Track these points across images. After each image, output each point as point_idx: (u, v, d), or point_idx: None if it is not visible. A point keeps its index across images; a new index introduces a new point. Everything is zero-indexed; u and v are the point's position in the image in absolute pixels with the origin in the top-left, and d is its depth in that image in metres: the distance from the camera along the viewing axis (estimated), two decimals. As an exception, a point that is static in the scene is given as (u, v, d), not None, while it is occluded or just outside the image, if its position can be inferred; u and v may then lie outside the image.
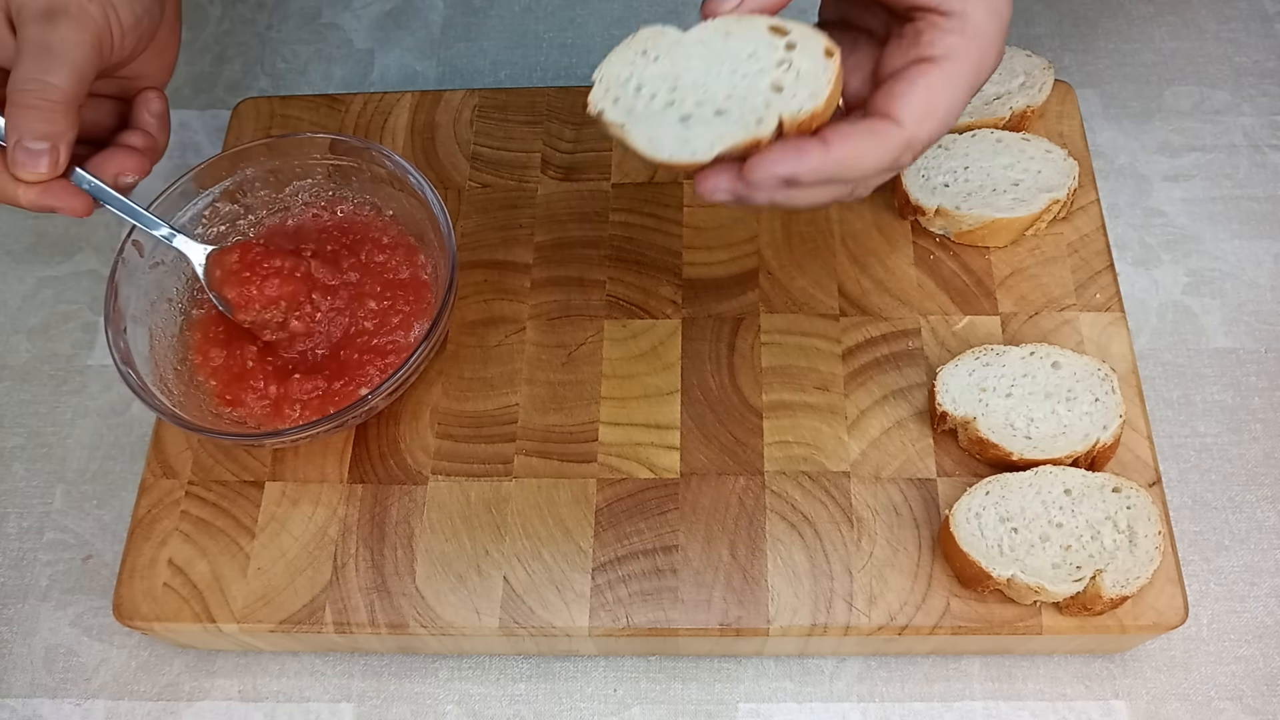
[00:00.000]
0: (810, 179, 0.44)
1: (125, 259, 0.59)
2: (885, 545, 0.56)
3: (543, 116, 0.70)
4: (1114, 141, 0.75)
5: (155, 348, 0.60)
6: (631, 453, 0.59)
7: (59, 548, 0.65)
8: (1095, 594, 0.52)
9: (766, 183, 0.44)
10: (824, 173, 0.44)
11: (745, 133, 0.44)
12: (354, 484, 0.59)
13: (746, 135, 0.44)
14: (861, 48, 0.52)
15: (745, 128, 0.44)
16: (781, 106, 0.44)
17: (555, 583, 0.56)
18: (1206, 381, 0.66)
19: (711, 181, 0.46)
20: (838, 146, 0.44)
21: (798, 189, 0.46)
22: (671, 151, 0.44)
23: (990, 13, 0.47)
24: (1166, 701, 0.57)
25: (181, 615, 0.56)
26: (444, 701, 0.59)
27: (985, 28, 0.47)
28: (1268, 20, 0.79)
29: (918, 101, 0.46)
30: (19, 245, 0.75)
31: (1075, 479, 0.55)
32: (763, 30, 0.45)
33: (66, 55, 0.50)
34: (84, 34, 0.50)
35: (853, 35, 0.52)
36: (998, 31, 0.47)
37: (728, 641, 0.56)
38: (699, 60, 0.45)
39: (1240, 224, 0.71)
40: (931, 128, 0.46)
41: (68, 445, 0.68)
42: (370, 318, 0.61)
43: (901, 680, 0.58)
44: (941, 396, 0.57)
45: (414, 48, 0.83)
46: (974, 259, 0.64)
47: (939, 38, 0.46)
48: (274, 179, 0.64)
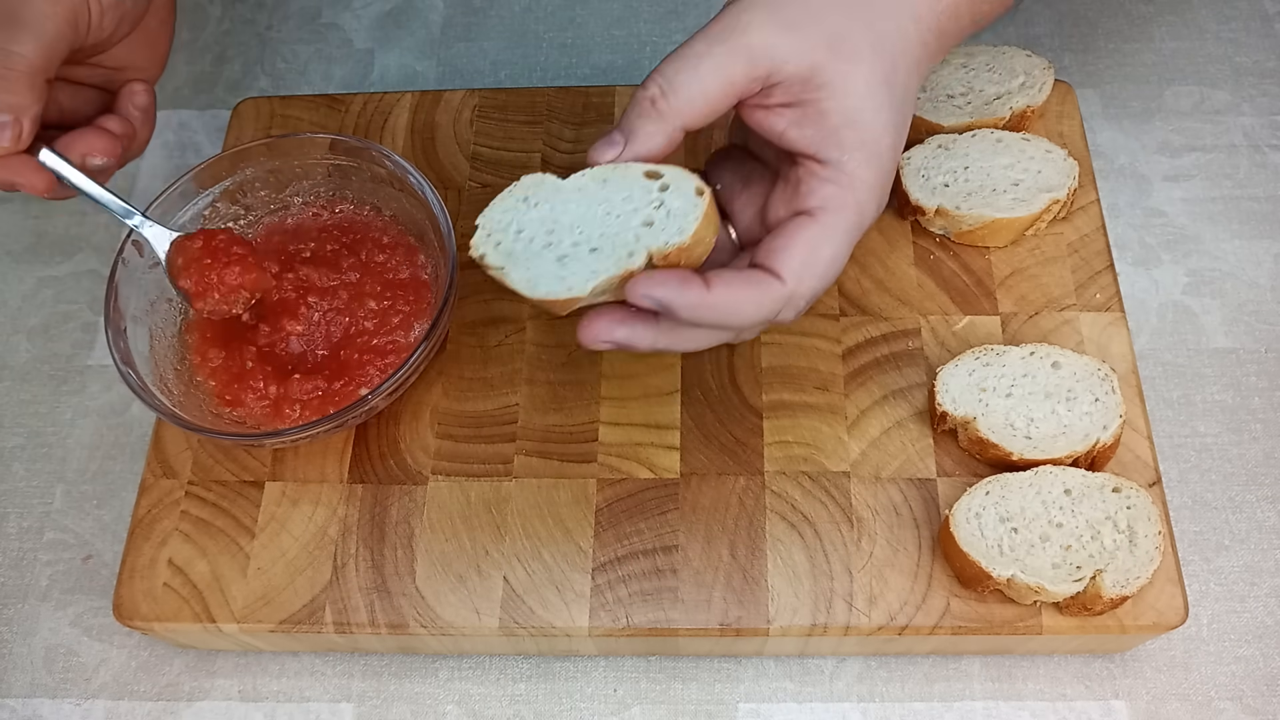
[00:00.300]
0: (687, 315, 0.45)
1: (125, 259, 0.59)
2: (885, 545, 0.56)
3: (543, 116, 0.70)
4: (1114, 141, 0.75)
5: (155, 348, 0.60)
6: (631, 453, 0.59)
7: (59, 548, 0.65)
8: (1095, 594, 0.52)
9: (645, 301, 0.45)
10: (700, 312, 0.45)
11: (616, 266, 0.46)
12: (354, 484, 0.59)
13: (618, 268, 0.45)
14: (756, 181, 0.52)
15: (617, 261, 0.46)
16: (650, 240, 0.46)
17: (555, 583, 0.56)
18: (1206, 381, 0.66)
19: (593, 330, 0.47)
20: (719, 291, 0.45)
21: (678, 331, 0.47)
22: (548, 289, 0.46)
23: (870, 162, 0.47)
24: (1166, 701, 0.57)
25: (181, 615, 0.56)
26: (444, 701, 0.59)
27: (863, 175, 0.47)
28: (1268, 20, 0.79)
29: (797, 258, 0.46)
30: (19, 245, 0.75)
31: (1075, 479, 0.55)
32: (638, 175, 0.47)
33: (36, 25, 0.49)
34: (57, 6, 0.49)
35: (750, 166, 0.53)
36: (877, 179, 0.48)
37: (728, 641, 0.56)
38: (577, 205, 0.47)
39: (1240, 224, 0.71)
40: (812, 284, 0.47)
41: (68, 445, 0.68)
42: (370, 318, 0.61)
43: (901, 680, 0.58)
44: (941, 396, 0.57)
45: (414, 48, 0.83)
46: (974, 259, 0.64)
47: (817, 187, 0.47)
48: (274, 179, 0.64)
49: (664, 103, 0.46)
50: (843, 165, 0.47)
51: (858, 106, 0.46)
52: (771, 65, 0.46)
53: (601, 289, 0.46)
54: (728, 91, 0.46)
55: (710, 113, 0.47)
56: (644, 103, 0.47)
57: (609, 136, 0.47)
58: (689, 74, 0.46)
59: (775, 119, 0.47)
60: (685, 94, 0.46)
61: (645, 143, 0.47)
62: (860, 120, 0.46)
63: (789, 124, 0.47)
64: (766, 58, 0.46)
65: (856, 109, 0.46)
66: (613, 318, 0.47)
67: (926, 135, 0.65)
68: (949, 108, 0.65)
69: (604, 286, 0.46)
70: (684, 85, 0.46)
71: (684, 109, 0.46)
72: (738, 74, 0.46)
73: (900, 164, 0.63)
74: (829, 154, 0.47)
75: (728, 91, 0.46)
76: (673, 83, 0.46)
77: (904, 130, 0.49)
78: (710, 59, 0.46)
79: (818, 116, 0.46)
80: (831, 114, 0.46)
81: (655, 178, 0.47)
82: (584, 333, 0.47)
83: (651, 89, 0.46)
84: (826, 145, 0.46)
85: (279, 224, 0.64)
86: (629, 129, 0.47)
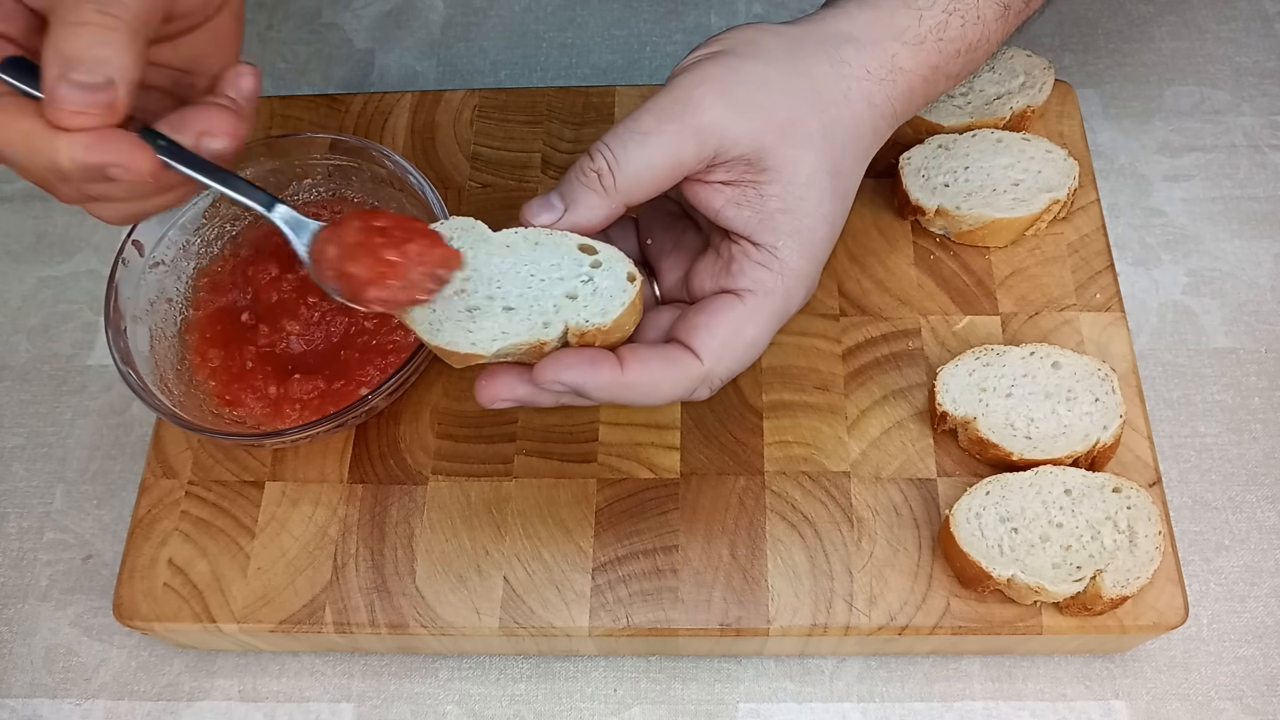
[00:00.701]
0: (600, 396, 0.44)
1: (125, 259, 0.59)
2: (885, 545, 0.56)
3: (543, 116, 0.70)
4: (1114, 141, 0.75)
5: (155, 348, 0.60)
6: (632, 453, 0.59)
7: (59, 548, 0.65)
8: (1095, 594, 0.52)
9: (554, 386, 0.44)
10: (612, 393, 0.44)
11: (530, 332, 0.44)
12: (354, 484, 0.59)
13: (531, 336, 0.44)
14: (686, 243, 0.51)
15: (531, 328, 0.44)
16: (571, 314, 0.44)
17: (555, 583, 0.56)
18: (1206, 381, 0.66)
19: (493, 389, 0.45)
20: (633, 370, 0.44)
21: (586, 399, 0.46)
22: (450, 338, 0.44)
23: (803, 251, 0.46)
24: (1166, 701, 0.57)
25: (181, 615, 0.56)
26: (444, 701, 0.59)
27: (795, 263, 0.46)
28: (1268, 20, 0.79)
29: (719, 337, 0.45)
30: (19, 245, 0.75)
31: (1075, 479, 0.55)
32: (571, 246, 0.46)
33: None
34: None
35: (682, 225, 0.52)
36: (809, 268, 0.47)
37: (728, 641, 0.56)
38: (501, 260, 0.45)
39: (1240, 224, 0.71)
40: (730, 364, 0.46)
41: (68, 445, 0.68)
42: (370, 318, 0.61)
43: (901, 680, 0.58)
44: (941, 396, 0.57)
45: (414, 48, 0.83)
46: (974, 259, 0.64)
47: (749, 269, 0.46)
48: (274, 179, 0.64)
49: (609, 179, 0.45)
50: (776, 251, 0.46)
51: (799, 195, 0.46)
52: (720, 145, 0.45)
53: (506, 352, 0.44)
54: (675, 171, 0.45)
55: (654, 190, 0.46)
56: (589, 174, 0.45)
57: (547, 199, 0.46)
58: (637, 150, 0.45)
59: (713, 195, 0.46)
60: (633, 171, 0.45)
61: (585, 215, 0.45)
62: (799, 209, 0.46)
63: (726, 202, 0.46)
64: (716, 138, 0.45)
65: (798, 197, 0.46)
66: (513, 375, 0.45)
67: (926, 135, 0.64)
68: (949, 108, 0.65)
69: (509, 350, 0.44)
70: (631, 162, 0.45)
71: (629, 187, 0.45)
72: (687, 153, 0.45)
73: (900, 164, 0.63)
74: (763, 238, 0.46)
75: (675, 171, 0.45)
76: (619, 159, 0.45)
77: (841, 221, 0.48)
78: (660, 136, 0.45)
79: (757, 199, 0.46)
80: (771, 199, 0.46)
81: (589, 252, 0.46)
82: (483, 392, 0.45)
83: (599, 161, 0.45)
84: (762, 229, 0.46)
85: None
86: (571, 197, 0.46)
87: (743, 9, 0.83)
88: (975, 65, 0.52)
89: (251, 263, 0.62)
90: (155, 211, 0.47)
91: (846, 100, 0.47)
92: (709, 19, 0.82)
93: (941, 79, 0.50)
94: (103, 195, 0.44)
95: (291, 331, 0.60)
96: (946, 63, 0.50)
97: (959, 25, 0.49)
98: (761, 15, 0.82)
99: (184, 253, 0.63)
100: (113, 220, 0.46)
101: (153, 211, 0.47)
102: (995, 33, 0.51)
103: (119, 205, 0.45)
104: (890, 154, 0.60)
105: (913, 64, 0.49)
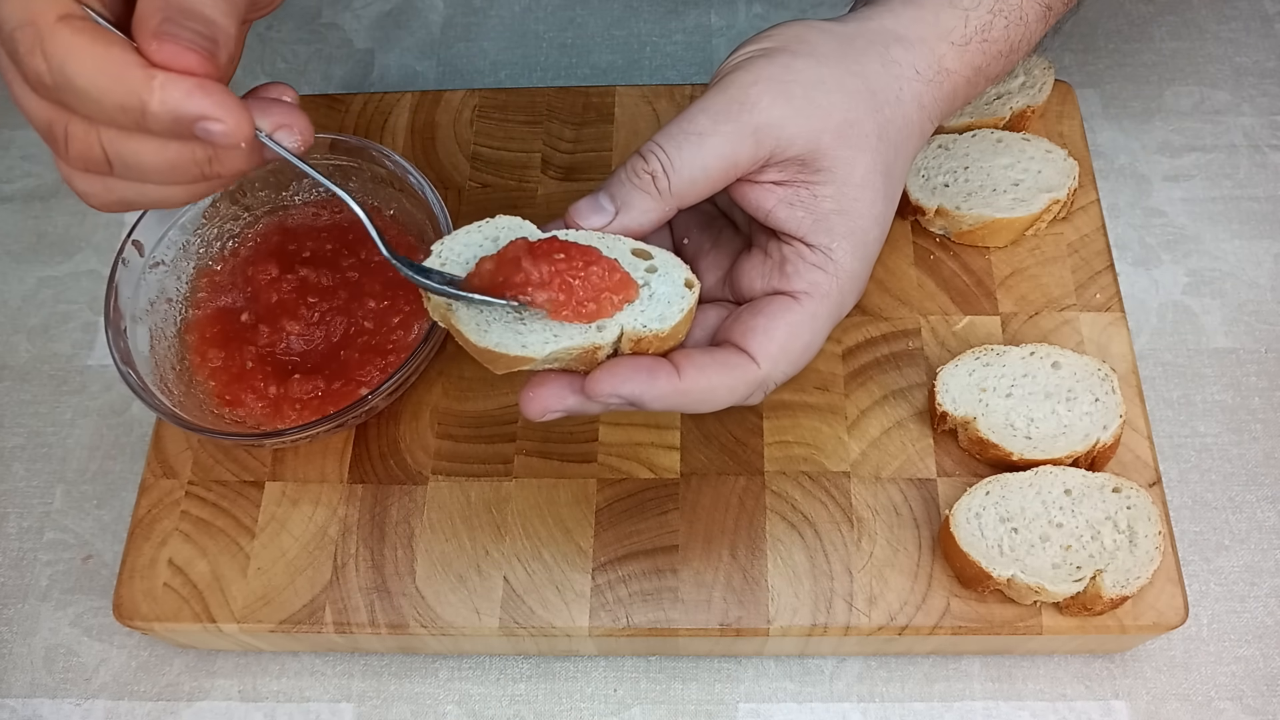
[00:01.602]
0: (657, 406, 0.43)
1: (125, 259, 0.59)
2: (885, 545, 0.56)
3: (543, 116, 0.70)
4: (1114, 141, 0.75)
5: (155, 348, 0.60)
6: (632, 453, 0.59)
7: (59, 548, 0.65)
8: (1095, 594, 0.52)
9: (610, 400, 0.42)
10: (670, 402, 0.43)
11: (584, 338, 0.42)
12: (354, 484, 0.59)
13: (585, 341, 0.42)
14: (725, 243, 0.50)
15: (585, 332, 0.42)
16: (627, 320, 0.42)
17: (555, 583, 0.56)
18: (1206, 381, 0.66)
19: (541, 403, 0.43)
20: (691, 378, 0.43)
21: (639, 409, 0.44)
22: (499, 340, 0.41)
23: (857, 252, 0.46)
24: (1166, 701, 0.57)
25: (181, 615, 0.56)
26: (444, 701, 0.59)
27: (850, 265, 0.45)
28: (1268, 20, 0.79)
29: (777, 341, 0.44)
30: (19, 245, 0.75)
31: (1075, 479, 0.55)
32: (625, 250, 0.44)
33: None
34: None
35: (720, 225, 0.51)
36: (862, 270, 0.46)
37: (728, 641, 0.56)
38: None
39: (1240, 224, 0.71)
40: (786, 368, 0.45)
41: (68, 445, 0.68)
42: (370, 317, 0.61)
43: (901, 680, 0.58)
44: (941, 396, 0.57)
45: (414, 48, 0.83)
46: (974, 259, 0.64)
47: (804, 270, 0.45)
48: (274, 179, 0.64)
49: (664, 181, 0.44)
50: (831, 252, 0.45)
51: (854, 196, 0.45)
52: (777, 146, 0.44)
53: (557, 356, 0.42)
54: (729, 173, 0.44)
55: (708, 192, 0.45)
56: (643, 176, 0.44)
57: (596, 201, 0.45)
58: (692, 152, 0.43)
59: (765, 196, 0.45)
60: (688, 173, 0.43)
61: (638, 218, 0.44)
62: (853, 210, 0.45)
63: (779, 203, 0.45)
64: (773, 138, 0.44)
65: (852, 198, 0.45)
66: (562, 385, 0.43)
67: (926, 135, 0.65)
68: (949, 108, 0.65)
69: (561, 355, 0.42)
70: (686, 164, 0.43)
71: (684, 189, 0.44)
72: (743, 154, 0.44)
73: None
74: (817, 239, 0.45)
75: (729, 173, 0.44)
76: (674, 161, 0.43)
77: (889, 222, 0.47)
78: (716, 137, 0.43)
79: (810, 200, 0.45)
80: (825, 200, 0.45)
81: (644, 257, 0.44)
82: (530, 404, 0.43)
83: (653, 163, 0.44)
84: (816, 231, 0.45)
85: (279, 224, 0.64)
86: (623, 200, 0.44)
87: (743, 9, 0.83)
88: (1013, 66, 0.51)
89: (251, 263, 0.62)
90: (152, 206, 0.44)
91: (899, 101, 0.46)
92: (709, 19, 0.82)
93: (982, 80, 0.50)
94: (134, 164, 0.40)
95: (291, 331, 0.60)
96: (989, 64, 0.49)
97: (1003, 26, 0.49)
98: (762, 15, 0.82)
99: (184, 253, 0.63)
100: (104, 205, 0.43)
101: (152, 205, 0.44)
102: (1036, 34, 0.50)
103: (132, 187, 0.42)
104: (890, 154, 0.60)
105: (958, 65, 0.48)
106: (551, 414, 0.44)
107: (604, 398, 0.42)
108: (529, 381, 0.44)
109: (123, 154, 0.39)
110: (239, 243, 0.64)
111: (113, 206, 0.43)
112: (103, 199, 0.42)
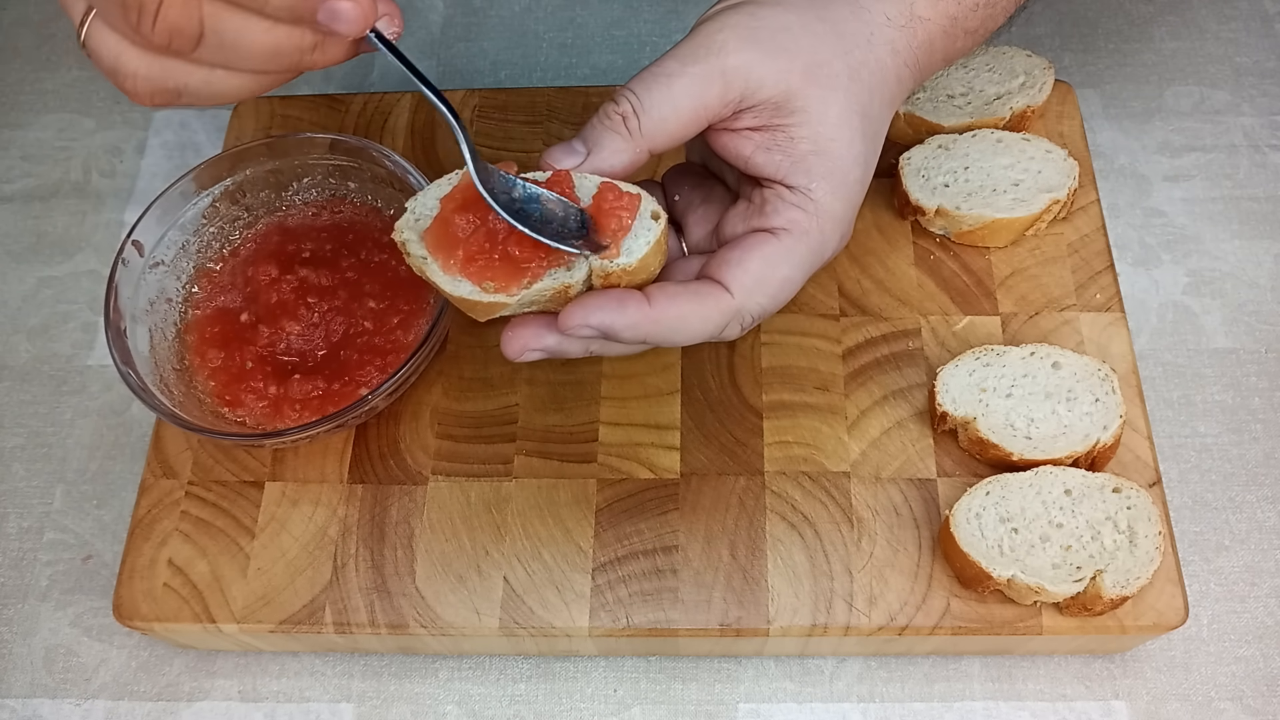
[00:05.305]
0: (629, 335, 0.43)
1: (125, 259, 0.59)
2: (885, 545, 0.56)
3: (543, 116, 0.70)
4: (1114, 141, 0.75)
5: (155, 348, 0.60)
6: (632, 453, 0.59)
7: (59, 548, 0.65)
8: (1095, 594, 0.52)
9: (582, 331, 0.43)
10: (642, 331, 0.43)
11: (553, 279, 0.43)
12: (354, 484, 0.59)
13: (555, 282, 0.43)
14: (715, 200, 0.51)
15: (553, 273, 0.43)
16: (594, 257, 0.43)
17: (555, 583, 0.56)
18: (1206, 381, 0.66)
19: (519, 342, 0.44)
20: (661, 306, 0.43)
21: (614, 343, 0.45)
22: (471, 289, 0.43)
23: (837, 192, 0.46)
24: (1166, 702, 0.57)
25: (181, 615, 0.56)
26: (444, 702, 0.59)
27: (830, 205, 0.46)
28: (1268, 20, 0.79)
29: (751, 272, 0.45)
30: (19, 245, 0.75)
31: (1075, 479, 0.55)
32: (593, 188, 0.45)
33: None
34: None
35: (710, 184, 0.51)
36: (843, 210, 0.46)
37: (728, 642, 0.56)
38: None
39: (1240, 224, 0.71)
40: (762, 301, 0.45)
41: (68, 445, 0.68)
42: (370, 318, 0.60)
43: (901, 680, 0.58)
44: (941, 396, 0.57)
45: (414, 48, 0.83)
46: (974, 259, 0.64)
47: (782, 209, 0.45)
48: (274, 179, 0.64)
49: (634, 121, 0.44)
50: (810, 192, 0.45)
51: (830, 135, 0.45)
52: (746, 88, 0.45)
53: (531, 299, 0.43)
54: (700, 115, 0.45)
55: (680, 136, 0.45)
56: (614, 117, 0.45)
57: (569, 144, 0.45)
58: (662, 93, 0.44)
59: (742, 143, 0.46)
60: (658, 113, 0.44)
61: (609, 159, 0.45)
62: (831, 150, 0.45)
63: (756, 148, 0.46)
64: (742, 80, 0.44)
65: (829, 137, 0.45)
66: (540, 324, 0.45)
67: (926, 135, 0.64)
68: (949, 108, 0.65)
69: (534, 297, 0.43)
70: (656, 105, 0.44)
71: (654, 130, 0.44)
72: (712, 95, 0.44)
73: (900, 164, 0.63)
74: (796, 180, 0.45)
75: (700, 115, 0.45)
76: (644, 102, 0.44)
77: (872, 165, 0.48)
78: (684, 78, 0.44)
79: (787, 142, 0.45)
80: (802, 141, 0.45)
81: None
82: (509, 344, 0.45)
83: (623, 105, 0.45)
84: (795, 172, 0.45)
85: (279, 224, 0.64)
86: (594, 141, 0.45)
87: (743, 9, 0.83)
88: (994, 24, 0.51)
89: (251, 263, 0.62)
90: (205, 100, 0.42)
91: (870, 44, 0.47)
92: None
93: (960, 33, 0.50)
94: (231, 43, 0.39)
95: (291, 332, 0.60)
96: (965, 15, 0.49)
97: None
98: (761, 15, 0.82)
99: (184, 253, 0.63)
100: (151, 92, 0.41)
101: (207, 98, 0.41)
102: None
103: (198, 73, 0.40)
104: (890, 154, 0.59)
105: (931, 13, 0.48)
106: (531, 353, 0.45)
107: (576, 330, 0.43)
108: (507, 325, 0.45)
109: (224, 30, 0.38)
110: (239, 243, 0.64)
111: (159, 95, 0.41)
112: (153, 85, 0.41)
